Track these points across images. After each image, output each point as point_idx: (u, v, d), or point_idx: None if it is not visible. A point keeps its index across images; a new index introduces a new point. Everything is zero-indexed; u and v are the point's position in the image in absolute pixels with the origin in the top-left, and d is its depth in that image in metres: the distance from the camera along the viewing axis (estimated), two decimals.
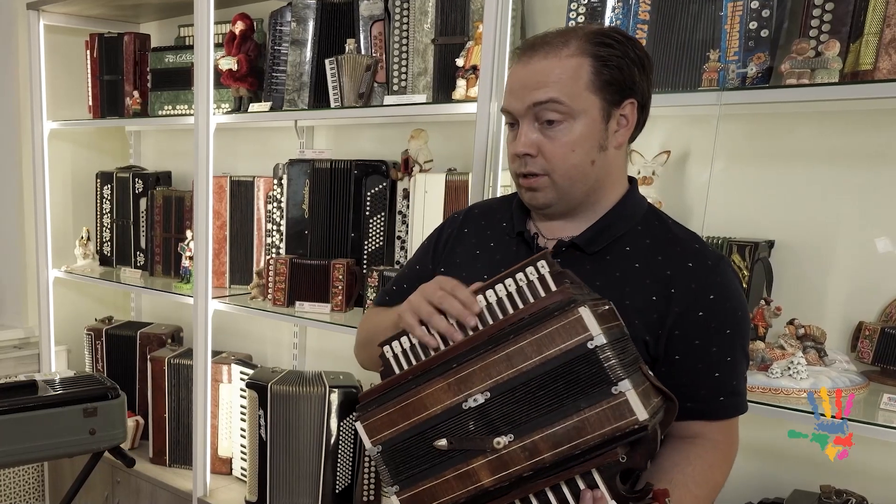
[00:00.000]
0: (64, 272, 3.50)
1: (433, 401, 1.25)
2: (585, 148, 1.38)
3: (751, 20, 1.84)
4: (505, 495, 1.22)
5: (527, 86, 1.38)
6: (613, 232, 1.43)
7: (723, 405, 1.41)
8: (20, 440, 1.98)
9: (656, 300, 1.37)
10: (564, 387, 1.17)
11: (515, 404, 1.20)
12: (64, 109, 3.55)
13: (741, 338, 1.41)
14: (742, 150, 2.06)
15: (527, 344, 1.19)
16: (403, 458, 1.28)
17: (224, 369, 3.01)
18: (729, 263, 1.43)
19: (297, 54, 2.71)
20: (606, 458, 1.15)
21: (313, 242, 2.78)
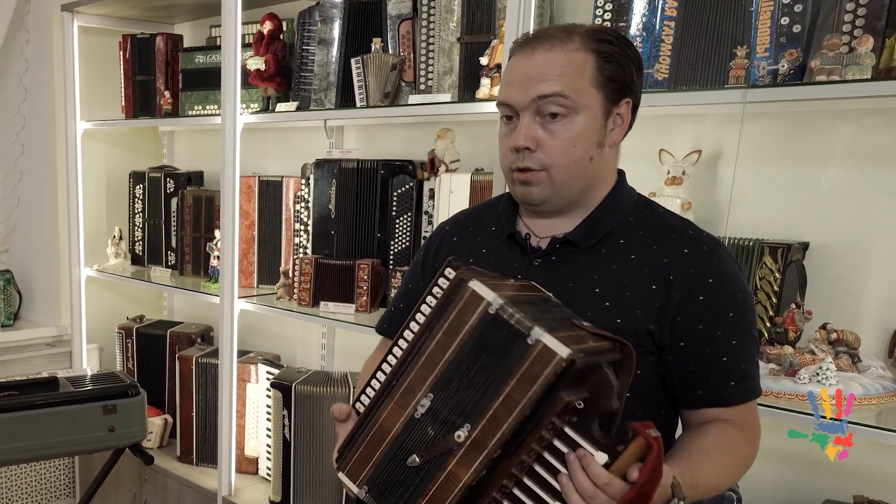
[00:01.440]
0: (95, 271, 3.54)
1: (391, 422, 1.28)
2: (585, 144, 1.37)
3: (782, 16, 1.79)
4: (491, 485, 1.21)
5: (531, 78, 1.35)
6: (606, 225, 1.41)
7: (736, 390, 1.38)
8: (40, 436, 2.01)
9: (656, 289, 1.35)
10: (490, 358, 1.19)
11: (458, 394, 1.22)
12: (98, 110, 3.58)
13: (745, 321, 1.38)
14: (775, 149, 2.01)
15: (442, 335, 1.24)
16: (389, 488, 1.29)
17: (251, 369, 3.01)
18: (724, 248, 1.42)
19: (324, 54, 2.70)
20: (557, 406, 1.15)
21: (339, 242, 2.76)
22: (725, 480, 1.36)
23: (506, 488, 1.22)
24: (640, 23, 1.97)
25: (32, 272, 3.76)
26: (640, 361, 1.31)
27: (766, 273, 1.92)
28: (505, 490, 1.22)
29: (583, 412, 1.17)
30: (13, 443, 2.01)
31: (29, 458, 2.15)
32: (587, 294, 1.37)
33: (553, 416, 1.15)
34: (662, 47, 1.95)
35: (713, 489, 1.34)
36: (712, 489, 1.34)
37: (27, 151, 3.70)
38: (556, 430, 1.19)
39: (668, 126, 2.19)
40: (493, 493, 1.21)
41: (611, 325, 1.32)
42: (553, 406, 1.15)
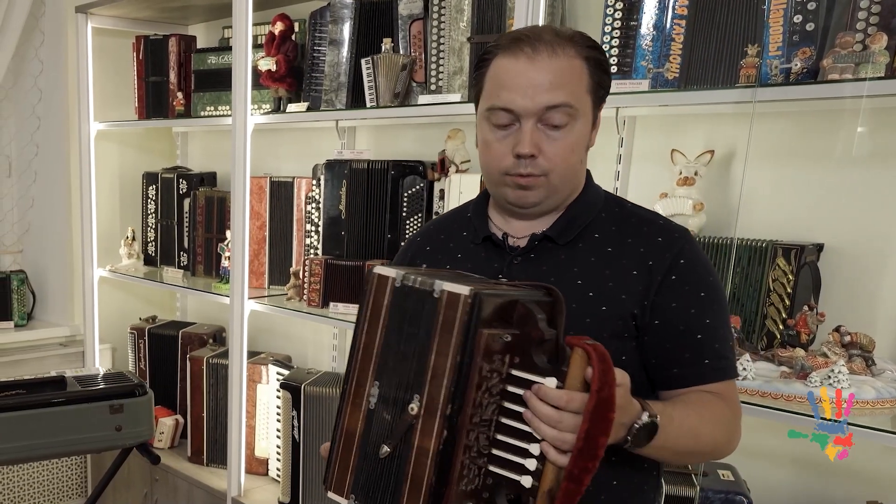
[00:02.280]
0: (108, 271, 3.55)
1: (354, 423, 1.31)
2: (579, 149, 1.40)
3: (796, 13, 1.77)
4: (457, 444, 1.21)
5: (538, 85, 1.33)
6: (581, 221, 1.44)
7: (710, 368, 1.38)
8: (47, 435, 2.01)
9: (637, 274, 1.38)
10: (411, 326, 1.24)
11: (398, 371, 1.26)
12: (111, 111, 3.59)
13: (717, 304, 1.40)
14: (788, 149, 1.99)
15: (368, 325, 1.30)
16: (373, 487, 1.29)
17: (262, 370, 3.01)
18: (693, 236, 1.46)
19: (334, 54, 2.70)
20: (481, 341, 1.17)
21: (350, 243, 2.76)
22: (703, 429, 1.34)
23: (477, 448, 1.22)
24: (651, 21, 1.95)
25: (46, 272, 3.77)
26: (623, 348, 1.37)
27: (780, 275, 1.89)
28: (480, 451, 1.23)
29: (522, 350, 1.20)
30: (20, 441, 2.01)
31: (36, 456, 2.16)
32: (570, 286, 1.38)
33: (482, 353, 1.18)
34: (673, 46, 1.93)
35: (691, 431, 1.32)
36: (689, 430, 1.32)
37: (42, 152, 3.72)
38: (503, 374, 1.21)
39: (681, 126, 2.17)
40: (461, 452, 1.21)
41: (597, 312, 1.37)
42: (478, 344, 1.18)
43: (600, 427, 1.16)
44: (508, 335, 1.20)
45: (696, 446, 1.34)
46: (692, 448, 1.35)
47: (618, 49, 2.03)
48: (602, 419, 1.16)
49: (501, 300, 1.21)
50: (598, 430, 1.16)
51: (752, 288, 1.93)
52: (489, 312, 1.19)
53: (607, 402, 1.16)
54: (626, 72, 2.01)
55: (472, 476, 1.22)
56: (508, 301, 1.22)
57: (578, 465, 1.17)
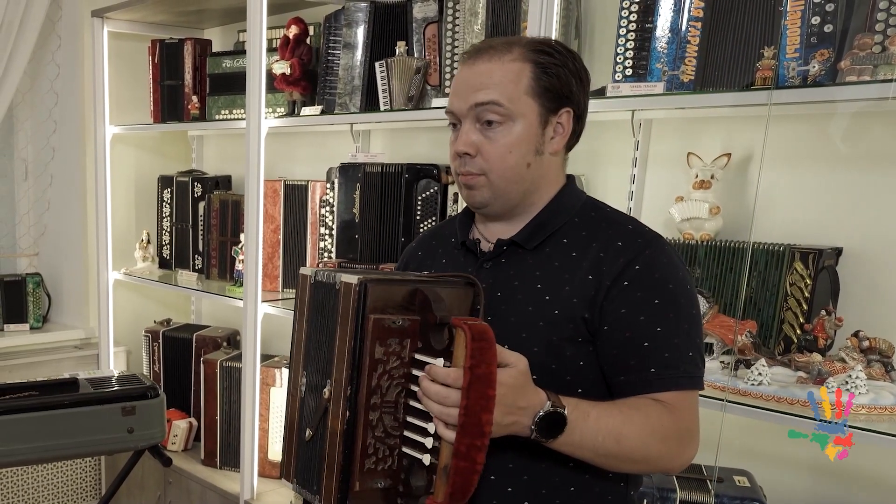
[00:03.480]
0: (123, 274, 3.56)
1: (291, 412, 1.44)
2: (522, 150, 1.42)
3: (813, 15, 1.75)
4: (357, 423, 1.28)
5: (470, 86, 1.42)
6: (550, 227, 1.46)
7: (655, 376, 1.36)
8: (59, 436, 2.02)
9: (592, 279, 1.39)
10: (322, 317, 1.36)
11: (316, 360, 1.37)
12: (127, 114, 3.61)
13: (674, 310, 1.38)
14: (806, 152, 1.97)
15: (297, 321, 1.44)
16: (305, 470, 1.38)
17: (276, 373, 3.01)
18: (664, 242, 1.44)
19: (349, 58, 2.70)
20: (368, 325, 1.26)
21: (363, 246, 2.75)
22: (628, 433, 1.32)
23: (383, 428, 1.30)
24: (667, 24, 1.94)
25: (61, 275, 3.79)
26: (579, 353, 1.40)
27: (797, 279, 1.87)
28: (389, 432, 1.30)
29: (424, 335, 1.28)
30: (32, 442, 2.02)
31: (48, 458, 2.17)
32: (530, 290, 1.43)
33: (372, 337, 1.26)
34: (689, 48, 1.91)
35: (612, 432, 1.32)
36: (610, 432, 1.32)
37: (57, 156, 3.75)
38: (405, 359, 1.29)
39: (697, 129, 2.15)
40: (365, 432, 1.28)
41: (549, 316, 1.39)
42: (366, 328, 1.26)
43: (480, 403, 1.21)
44: (402, 320, 1.28)
45: (619, 450, 1.33)
46: (615, 451, 1.33)
47: (633, 52, 2.02)
48: (481, 395, 1.21)
49: (394, 288, 1.30)
50: (478, 406, 1.21)
51: (769, 292, 1.91)
52: (380, 299, 1.28)
53: (484, 378, 1.21)
54: (641, 74, 2.00)
55: (384, 455, 1.31)
56: (406, 289, 1.31)
57: (464, 441, 1.21)
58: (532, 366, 1.38)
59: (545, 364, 1.39)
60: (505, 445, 1.35)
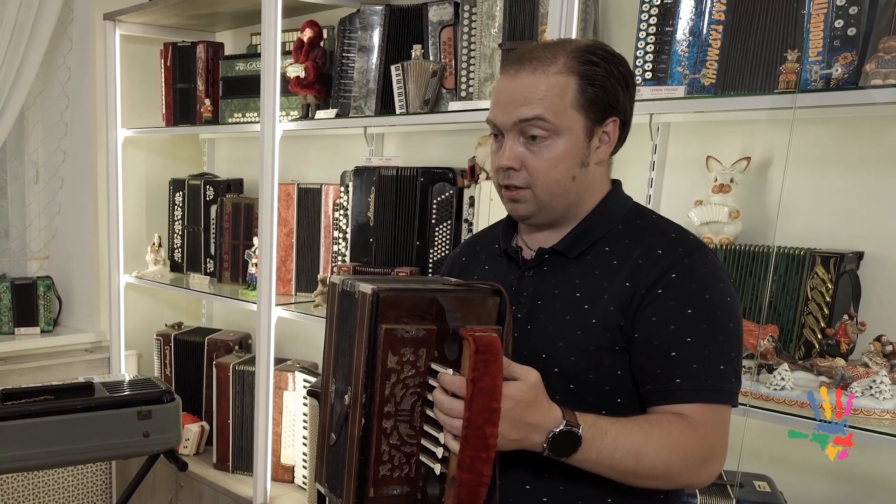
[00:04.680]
0: (135, 277, 3.55)
1: (324, 417, 1.44)
2: (567, 164, 1.40)
3: (837, 18, 1.74)
4: (372, 430, 1.29)
5: (514, 100, 1.39)
6: (593, 235, 1.44)
7: (679, 387, 1.33)
8: (75, 440, 2.01)
9: (628, 286, 1.37)
10: (347, 325, 1.36)
11: (342, 366, 1.38)
12: (139, 117, 3.61)
13: (709, 321, 1.34)
14: (830, 156, 1.95)
15: (327, 328, 1.45)
16: (332, 473, 1.39)
17: (288, 377, 3.00)
18: (708, 252, 1.41)
19: (364, 61, 2.69)
20: (380, 334, 1.26)
21: (378, 250, 2.74)
22: (648, 450, 1.29)
23: (398, 436, 1.30)
24: (687, 27, 1.93)
25: (72, 278, 3.78)
26: (617, 362, 1.38)
27: (818, 283, 1.86)
28: (405, 440, 1.30)
29: (439, 345, 1.27)
30: (48, 447, 2.01)
31: (63, 462, 2.16)
32: (569, 299, 1.41)
33: (384, 346, 1.26)
34: (710, 52, 1.91)
35: (630, 450, 1.29)
36: (629, 449, 1.29)
37: (69, 159, 3.74)
38: (420, 368, 1.28)
39: (716, 132, 2.14)
40: (380, 439, 1.29)
41: (587, 325, 1.38)
42: (378, 337, 1.26)
43: (482, 416, 1.20)
44: (416, 329, 1.27)
45: (638, 467, 1.30)
46: (634, 469, 1.30)
47: (652, 55, 2.01)
48: (483, 408, 1.20)
49: (409, 296, 1.30)
50: (480, 418, 1.20)
51: (789, 297, 1.90)
52: (394, 308, 1.27)
53: (487, 391, 1.20)
54: (661, 78, 1.99)
55: (400, 463, 1.31)
56: (421, 298, 1.30)
57: (468, 453, 1.20)
58: (569, 375, 1.38)
59: (583, 374, 1.38)
60: (528, 462, 1.34)
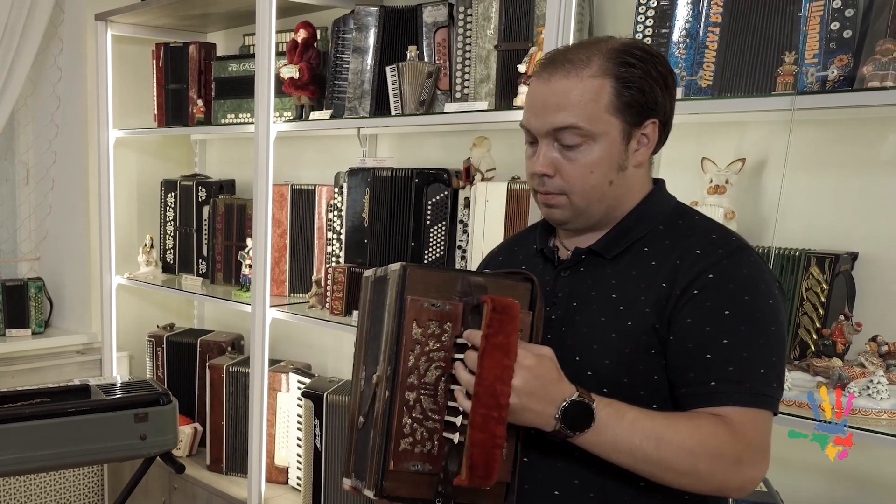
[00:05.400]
0: (126, 279, 3.54)
1: (353, 407, 1.44)
2: (604, 169, 1.37)
3: (832, 21, 1.75)
4: (395, 404, 1.29)
5: (547, 106, 1.36)
6: (632, 235, 1.41)
7: (715, 390, 1.29)
8: (72, 443, 2.00)
9: (665, 286, 1.34)
10: (378, 308, 1.38)
11: (372, 351, 1.38)
12: (131, 118, 3.59)
13: (748, 324, 1.30)
14: (824, 158, 1.97)
15: (359, 322, 1.48)
16: (359, 459, 1.39)
17: (282, 378, 3.00)
18: (751, 254, 1.36)
19: (358, 62, 2.69)
20: (405, 305, 1.28)
21: (373, 251, 2.74)
22: (672, 438, 1.25)
23: (421, 410, 1.29)
24: (684, 29, 1.94)
25: (63, 280, 3.77)
26: (653, 366, 1.35)
27: (813, 284, 1.87)
28: (427, 414, 1.30)
29: (465, 321, 1.29)
30: (45, 450, 2.01)
31: (60, 465, 2.16)
32: (604, 300, 1.38)
33: (410, 317, 1.28)
34: (707, 54, 1.91)
35: (651, 434, 1.25)
36: (649, 433, 1.25)
37: (60, 160, 3.72)
38: (445, 342, 1.29)
39: (711, 134, 2.15)
40: (402, 412, 1.29)
41: (622, 327, 1.35)
42: (406, 308, 1.28)
43: (494, 373, 1.21)
44: (442, 303, 1.29)
45: (659, 455, 1.25)
46: (655, 456, 1.25)
47: None
48: (496, 364, 1.21)
49: (437, 273, 1.34)
50: (492, 375, 1.21)
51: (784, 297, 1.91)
52: (421, 283, 1.29)
53: (501, 347, 1.22)
54: None
55: (422, 438, 1.30)
56: (449, 275, 1.33)
57: (479, 411, 1.21)
58: (603, 379, 1.35)
59: (616, 378, 1.35)
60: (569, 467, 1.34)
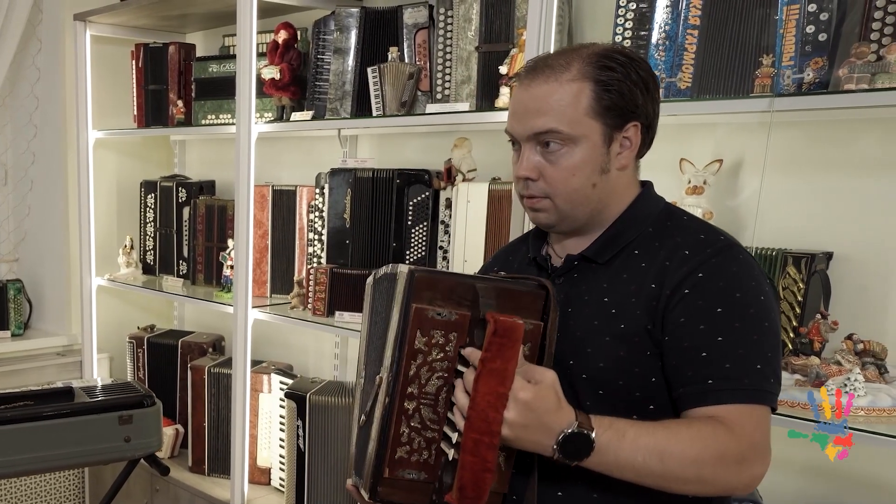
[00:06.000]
0: (107, 280, 3.52)
1: (354, 402, 1.46)
2: (586, 172, 1.38)
3: (808, 24, 1.78)
4: (394, 411, 1.29)
5: (528, 111, 1.39)
6: (623, 239, 1.42)
7: (712, 388, 1.29)
8: (56, 446, 2.00)
9: (654, 287, 1.35)
10: (382, 307, 1.38)
11: (375, 350, 1.38)
12: (109, 119, 3.58)
13: (741, 320, 1.30)
14: (799, 159, 2.00)
15: (362, 326, 1.49)
16: (359, 457, 1.39)
17: (264, 379, 3.00)
18: (740, 251, 1.37)
19: (339, 63, 2.69)
20: (410, 313, 1.27)
21: (354, 252, 2.75)
22: (674, 449, 1.25)
23: (420, 419, 1.29)
24: (663, 31, 1.97)
25: (43, 281, 3.75)
26: (649, 368, 1.35)
27: (790, 283, 1.90)
28: (426, 424, 1.29)
29: (471, 332, 1.28)
30: (28, 453, 1.99)
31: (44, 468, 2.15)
32: (597, 304, 1.39)
33: (414, 325, 1.26)
34: (685, 56, 1.94)
35: (654, 450, 1.25)
36: (651, 450, 1.25)
37: (38, 160, 3.70)
38: (449, 353, 1.28)
39: (689, 135, 2.18)
40: (400, 419, 1.28)
41: (615, 330, 1.36)
42: (410, 316, 1.26)
43: (487, 399, 1.20)
44: (449, 313, 1.26)
45: (665, 469, 1.25)
46: (660, 471, 1.25)
47: None
48: (489, 391, 1.20)
49: (445, 279, 1.30)
50: (486, 401, 1.20)
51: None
52: (427, 290, 1.27)
53: (496, 373, 1.20)
54: None
55: (419, 447, 1.30)
56: (458, 282, 1.29)
57: (471, 435, 1.21)
58: (598, 382, 1.36)
59: (612, 381, 1.36)
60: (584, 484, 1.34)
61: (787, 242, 1.96)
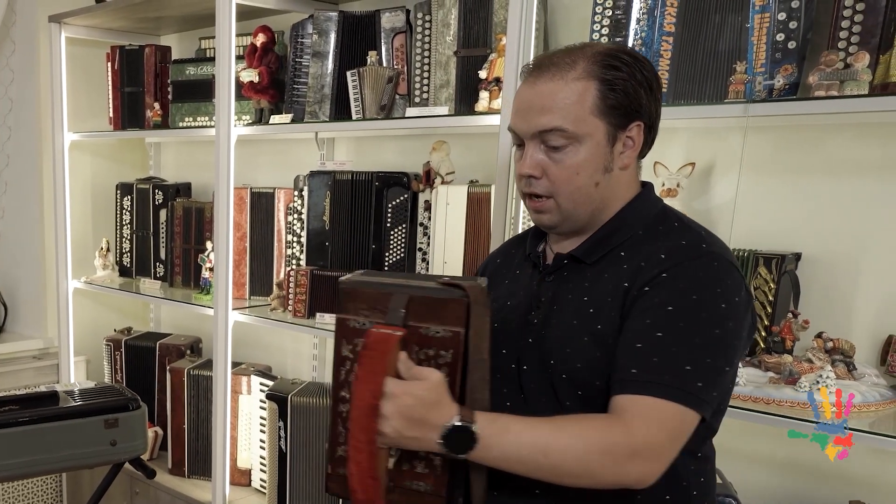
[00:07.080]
0: (83, 283, 3.51)
1: None
2: (589, 171, 1.38)
3: (778, 32, 1.83)
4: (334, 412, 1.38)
5: (533, 108, 1.39)
6: (613, 240, 1.42)
7: (631, 378, 1.28)
8: (41, 451, 1.99)
9: (627, 286, 1.36)
10: None
11: None
12: (85, 121, 3.56)
13: (689, 322, 1.28)
14: (769, 163, 2.05)
15: None
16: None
17: (244, 381, 3.01)
18: (715, 259, 1.34)
19: (318, 66, 2.71)
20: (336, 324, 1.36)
21: (334, 254, 2.77)
22: (558, 444, 1.26)
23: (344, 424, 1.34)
24: (640, 38, 2.01)
25: (18, 284, 3.72)
26: None
27: (761, 283, 1.95)
28: None
29: None
30: (14, 458, 1.99)
31: (29, 473, 2.14)
32: (579, 304, 1.40)
33: (337, 334, 1.34)
34: (661, 62, 1.98)
35: (536, 445, 1.26)
36: (534, 445, 1.26)
37: (13, 163, 3.68)
38: None
39: (662, 139, 2.20)
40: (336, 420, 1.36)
41: (593, 330, 1.36)
42: (336, 325, 1.36)
43: (360, 410, 1.26)
44: (364, 322, 1.32)
45: (550, 463, 1.26)
46: (545, 465, 1.26)
47: None
48: (362, 402, 1.26)
49: (367, 290, 1.34)
50: (359, 411, 1.26)
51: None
52: (351, 300, 1.33)
53: (366, 384, 1.26)
54: None
55: None
56: (380, 293, 1.33)
57: (351, 443, 1.28)
58: (577, 382, 1.36)
59: (590, 382, 1.35)
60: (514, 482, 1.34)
61: (757, 244, 2.01)
